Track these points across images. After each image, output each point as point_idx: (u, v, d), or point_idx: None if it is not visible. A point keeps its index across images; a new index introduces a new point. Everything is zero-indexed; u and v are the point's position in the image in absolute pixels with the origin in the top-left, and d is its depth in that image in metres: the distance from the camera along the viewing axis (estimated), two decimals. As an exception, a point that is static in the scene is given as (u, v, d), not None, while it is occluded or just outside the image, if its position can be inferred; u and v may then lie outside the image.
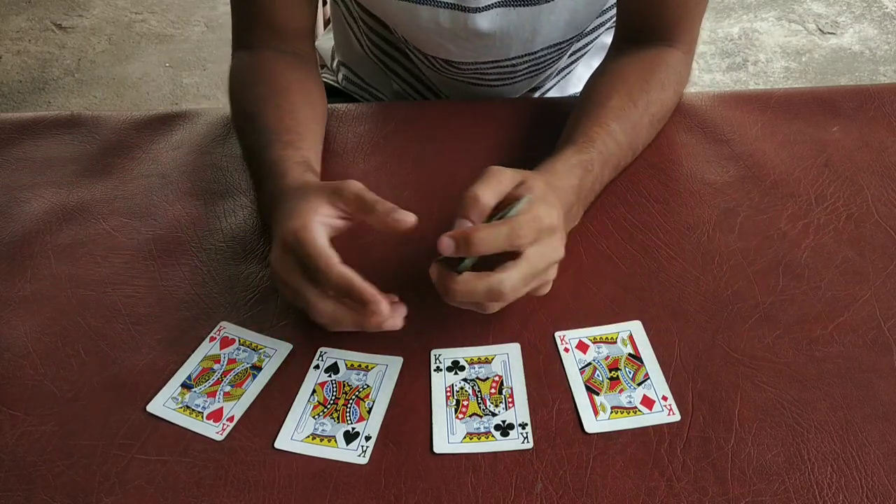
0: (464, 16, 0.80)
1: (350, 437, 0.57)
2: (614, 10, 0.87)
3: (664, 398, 0.58)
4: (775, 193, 0.75)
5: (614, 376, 0.60)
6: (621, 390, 0.59)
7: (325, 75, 1.10)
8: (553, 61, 0.92)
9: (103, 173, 0.80)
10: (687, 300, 0.65)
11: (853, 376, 0.59)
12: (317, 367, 0.62)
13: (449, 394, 0.60)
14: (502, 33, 0.82)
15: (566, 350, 0.62)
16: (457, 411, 0.58)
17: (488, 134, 0.83)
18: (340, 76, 1.06)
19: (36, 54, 2.52)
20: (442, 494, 0.53)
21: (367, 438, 0.57)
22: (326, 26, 1.28)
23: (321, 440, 0.57)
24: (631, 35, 0.81)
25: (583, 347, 0.62)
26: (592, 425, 0.57)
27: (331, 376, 0.61)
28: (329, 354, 0.63)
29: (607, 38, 0.90)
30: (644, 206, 0.74)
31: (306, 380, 0.61)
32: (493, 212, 0.60)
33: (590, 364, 0.61)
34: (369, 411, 0.59)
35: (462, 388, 0.60)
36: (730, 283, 0.66)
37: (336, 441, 0.57)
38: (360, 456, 0.56)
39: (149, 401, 0.60)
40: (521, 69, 0.89)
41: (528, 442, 0.56)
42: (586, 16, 0.85)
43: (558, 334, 0.63)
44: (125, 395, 0.60)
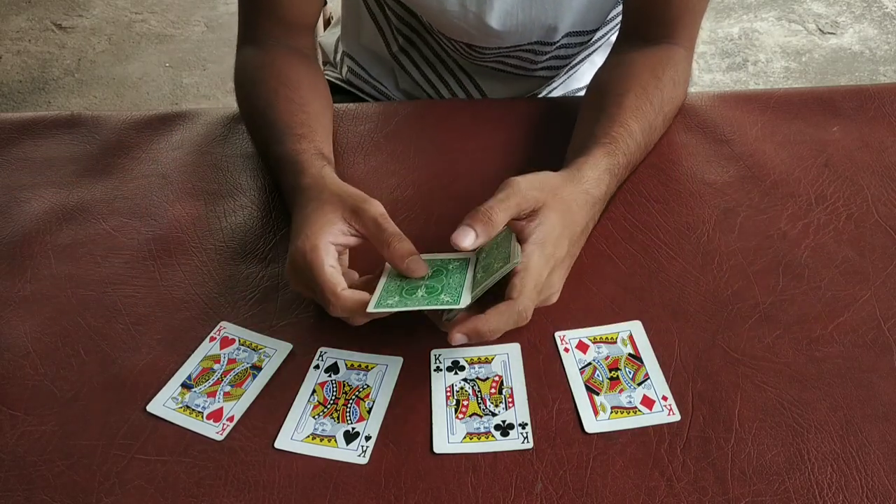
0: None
1: (350, 437, 0.57)
2: None
3: (664, 398, 0.58)
4: (775, 193, 0.75)
5: (614, 376, 0.60)
6: (621, 390, 0.59)
7: (327, 71, 1.10)
8: (574, 54, 0.92)
9: (103, 173, 0.80)
10: (687, 300, 0.65)
11: (853, 376, 0.59)
12: (317, 367, 0.62)
13: (449, 394, 0.60)
14: (524, 16, 0.83)
15: (566, 350, 0.62)
16: (457, 411, 0.58)
17: (488, 134, 0.83)
18: (345, 70, 1.06)
19: (36, 54, 2.52)
20: (442, 494, 0.53)
21: (367, 438, 0.57)
22: (327, 26, 1.28)
23: (321, 440, 0.57)
24: (634, 31, 0.81)
25: (583, 347, 0.62)
26: (592, 425, 0.57)
27: (331, 376, 0.61)
28: (329, 354, 0.62)
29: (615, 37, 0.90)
30: (644, 206, 0.74)
31: (306, 380, 0.61)
32: None
33: (590, 364, 0.61)
34: (369, 411, 0.59)
35: (462, 388, 0.60)
36: (730, 283, 0.66)
37: (336, 441, 0.57)
38: (360, 456, 0.56)
39: (149, 401, 0.60)
40: (542, 58, 0.89)
41: (528, 442, 0.56)
42: (605, 1, 0.86)
43: (558, 334, 0.63)
44: (125, 395, 0.60)
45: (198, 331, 0.65)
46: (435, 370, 0.61)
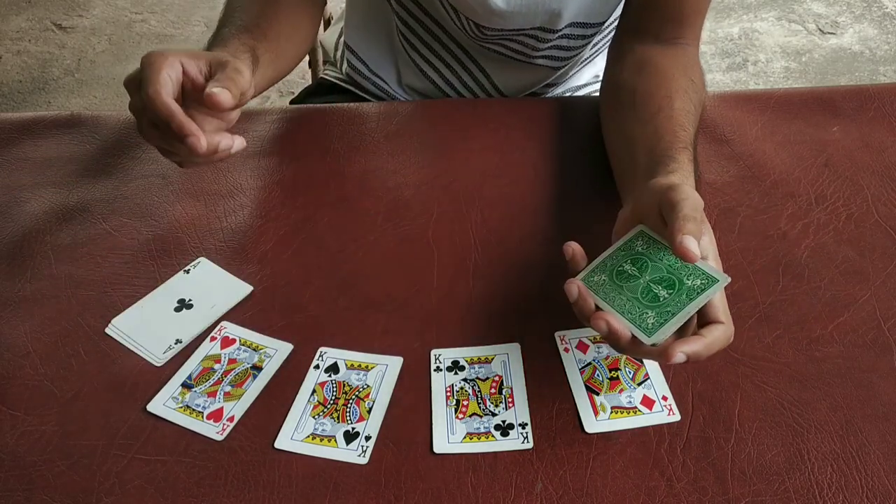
0: None
1: (350, 436, 0.57)
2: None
3: (664, 398, 0.58)
4: (775, 193, 0.75)
5: (614, 376, 0.60)
6: (621, 390, 0.59)
7: (328, 71, 1.10)
8: (576, 49, 0.91)
9: (103, 173, 0.80)
10: (687, 300, 0.65)
11: (853, 376, 0.59)
12: (317, 367, 0.62)
13: (449, 394, 0.60)
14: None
15: (566, 350, 0.62)
16: (457, 411, 0.58)
17: (488, 134, 0.83)
18: (345, 67, 1.06)
19: (36, 54, 2.52)
20: (442, 494, 0.53)
21: (367, 438, 0.57)
22: (327, 26, 1.28)
23: (321, 440, 0.57)
24: (645, 28, 0.79)
25: (583, 347, 0.62)
26: (592, 425, 0.57)
27: (331, 376, 0.61)
28: (329, 354, 0.63)
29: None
30: (644, 206, 0.74)
31: (306, 380, 0.61)
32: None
33: (590, 364, 0.61)
34: (369, 411, 0.59)
35: (462, 388, 0.60)
36: (730, 283, 0.66)
37: (336, 441, 0.57)
38: (360, 456, 0.56)
39: (149, 401, 0.60)
40: (544, 46, 0.89)
41: (528, 442, 0.56)
42: None
43: (558, 334, 0.63)
44: (125, 395, 0.60)
45: (198, 331, 0.65)
46: (435, 370, 0.61)
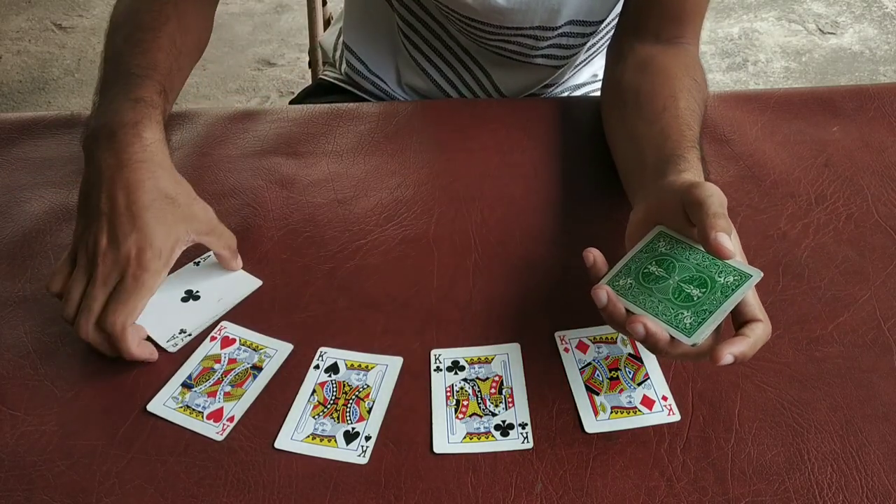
0: None
1: (350, 436, 0.57)
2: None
3: (664, 398, 0.58)
4: (775, 193, 0.75)
5: (614, 376, 0.60)
6: (621, 390, 0.59)
7: (327, 72, 1.10)
8: (574, 47, 0.91)
9: (103, 173, 0.80)
10: (687, 300, 0.65)
11: (853, 376, 0.59)
12: (317, 367, 0.62)
13: (449, 394, 0.60)
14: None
15: (566, 350, 0.62)
16: (457, 411, 0.58)
17: (488, 134, 0.83)
18: (344, 67, 1.06)
19: (36, 54, 2.52)
20: (442, 494, 0.53)
21: (367, 438, 0.57)
22: (327, 26, 1.28)
23: (321, 440, 0.57)
24: (644, 27, 0.79)
25: (583, 347, 0.62)
26: (592, 425, 0.57)
27: (331, 376, 0.61)
28: (329, 354, 0.63)
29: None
30: (644, 206, 0.74)
31: (306, 380, 0.61)
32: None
33: (590, 364, 0.61)
34: (369, 411, 0.59)
35: (462, 388, 0.60)
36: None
37: (336, 441, 0.57)
38: (360, 456, 0.56)
39: (149, 401, 0.60)
40: (542, 45, 0.89)
41: (528, 442, 0.56)
42: None
43: (558, 334, 0.63)
44: (125, 395, 0.60)
45: (198, 331, 0.65)
46: (435, 370, 0.61)
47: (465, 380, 0.60)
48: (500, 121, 0.85)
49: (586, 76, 1.04)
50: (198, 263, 0.69)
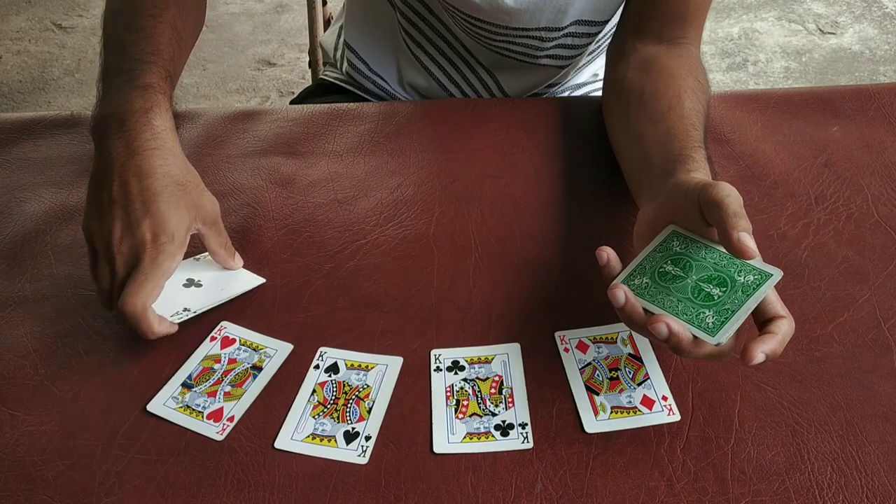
0: None
1: (350, 436, 0.57)
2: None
3: (664, 398, 0.58)
4: (775, 193, 0.75)
5: (614, 376, 0.60)
6: (621, 390, 0.59)
7: (328, 72, 1.10)
8: (578, 47, 0.91)
9: (103, 173, 0.80)
10: (687, 300, 0.65)
11: (853, 376, 0.59)
12: (317, 367, 0.62)
13: (449, 394, 0.60)
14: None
15: (566, 350, 0.62)
16: (457, 411, 0.58)
17: (488, 134, 0.83)
18: (345, 66, 1.06)
19: (36, 54, 2.52)
20: (442, 494, 0.53)
21: (367, 438, 0.57)
22: (327, 26, 1.28)
23: (321, 440, 0.57)
24: (646, 27, 0.79)
25: (583, 347, 0.62)
26: (592, 425, 0.57)
27: (331, 376, 0.61)
28: (329, 354, 0.63)
29: None
30: (644, 206, 0.74)
31: (306, 380, 0.61)
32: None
33: (590, 364, 0.61)
34: (369, 411, 0.59)
35: (462, 388, 0.60)
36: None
37: (336, 441, 0.57)
38: (360, 456, 0.56)
39: (149, 401, 0.60)
40: (548, 46, 0.89)
41: (528, 442, 0.56)
42: None
43: (558, 334, 0.63)
44: (125, 395, 0.60)
45: (198, 330, 0.65)
46: (435, 370, 0.61)
47: (465, 380, 0.60)
48: (500, 121, 0.85)
49: (587, 76, 1.04)
50: (198, 259, 0.70)
